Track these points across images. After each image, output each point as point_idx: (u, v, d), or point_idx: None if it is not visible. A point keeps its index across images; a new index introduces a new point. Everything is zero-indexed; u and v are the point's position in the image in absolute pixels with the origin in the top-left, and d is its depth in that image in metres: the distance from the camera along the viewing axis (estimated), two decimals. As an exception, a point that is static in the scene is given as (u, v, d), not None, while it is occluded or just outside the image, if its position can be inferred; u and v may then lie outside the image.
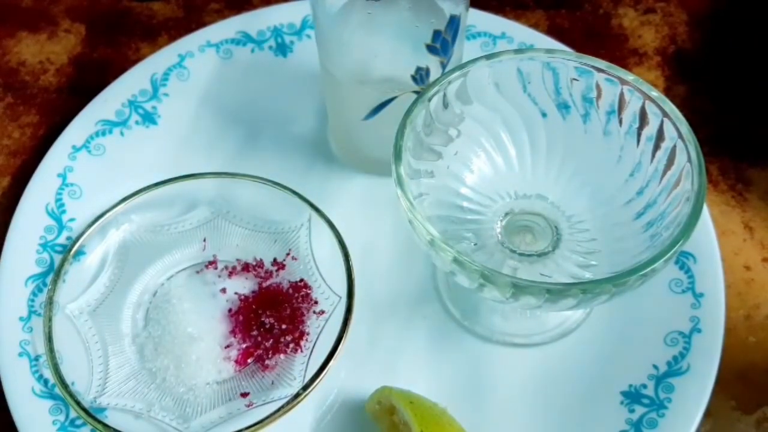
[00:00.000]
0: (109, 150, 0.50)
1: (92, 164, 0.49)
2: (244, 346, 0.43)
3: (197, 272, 0.45)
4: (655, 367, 0.42)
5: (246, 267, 0.45)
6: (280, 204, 0.45)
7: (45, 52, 0.57)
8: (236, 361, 0.42)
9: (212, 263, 0.46)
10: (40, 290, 0.44)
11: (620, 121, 0.39)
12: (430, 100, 0.38)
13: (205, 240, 0.46)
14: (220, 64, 0.54)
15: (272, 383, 0.41)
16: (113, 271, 0.45)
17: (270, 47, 0.54)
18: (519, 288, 0.32)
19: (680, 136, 0.36)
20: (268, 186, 0.46)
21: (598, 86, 0.39)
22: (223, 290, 0.45)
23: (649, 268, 0.32)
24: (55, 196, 0.48)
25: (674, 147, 0.36)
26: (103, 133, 0.50)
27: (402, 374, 0.42)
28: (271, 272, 0.45)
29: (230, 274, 0.45)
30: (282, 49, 0.54)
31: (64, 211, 0.47)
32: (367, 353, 0.43)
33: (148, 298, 0.44)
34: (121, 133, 0.51)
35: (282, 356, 0.42)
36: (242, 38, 0.54)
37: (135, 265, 0.45)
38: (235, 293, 0.44)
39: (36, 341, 0.42)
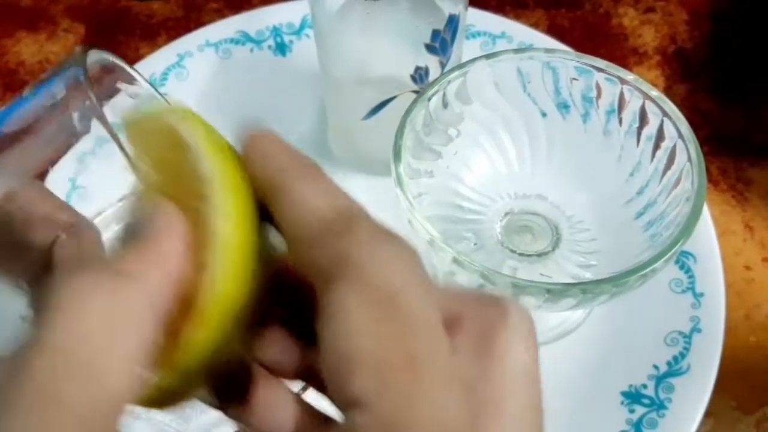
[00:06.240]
0: (110, 150, 0.50)
1: (92, 164, 0.49)
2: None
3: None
4: (656, 367, 0.42)
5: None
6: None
7: (44, 52, 0.57)
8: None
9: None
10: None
11: (620, 121, 0.39)
12: (429, 99, 0.38)
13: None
14: (220, 64, 0.54)
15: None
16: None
17: (269, 47, 0.54)
18: (519, 288, 0.32)
19: (680, 135, 0.36)
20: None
21: (597, 86, 0.38)
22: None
23: (649, 268, 0.32)
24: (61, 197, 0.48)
25: (674, 146, 0.36)
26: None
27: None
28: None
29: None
30: (281, 49, 0.54)
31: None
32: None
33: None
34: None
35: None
36: (241, 38, 0.54)
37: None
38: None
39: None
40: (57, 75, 0.26)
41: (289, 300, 0.22)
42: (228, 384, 0.22)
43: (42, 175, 0.29)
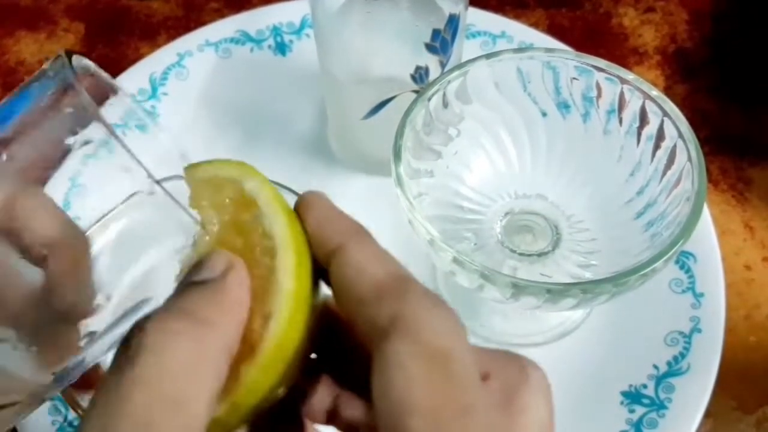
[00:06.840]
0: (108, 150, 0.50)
1: (92, 164, 0.49)
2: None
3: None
4: (656, 367, 0.42)
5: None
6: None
7: (44, 51, 0.57)
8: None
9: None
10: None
11: (620, 121, 0.39)
12: (429, 99, 0.38)
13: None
14: (220, 64, 0.54)
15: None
16: (109, 262, 0.45)
17: (269, 46, 0.54)
18: (519, 288, 0.32)
19: (680, 135, 0.36)
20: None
21: (598, 85, 0.38)
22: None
23: (649, 268, 0.32)
24: (62, 196, 0.48)
25: (674, 146, 0.36)
26: (102, 133, 0.50)
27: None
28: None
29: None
30: (281, 49, 0.54)
31: (69, 209, 0.47)
32: (366, 353, 0.43)
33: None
34: (123, 133, 0.50)
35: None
36: (241, 37, 0.54)
37: (133, 258, 0.45)
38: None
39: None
40: (43, 78, 0.26)
41: (332, 347, 0.24)
42: (273, 425, 0.24)
43: (43, 179, 0.28)
